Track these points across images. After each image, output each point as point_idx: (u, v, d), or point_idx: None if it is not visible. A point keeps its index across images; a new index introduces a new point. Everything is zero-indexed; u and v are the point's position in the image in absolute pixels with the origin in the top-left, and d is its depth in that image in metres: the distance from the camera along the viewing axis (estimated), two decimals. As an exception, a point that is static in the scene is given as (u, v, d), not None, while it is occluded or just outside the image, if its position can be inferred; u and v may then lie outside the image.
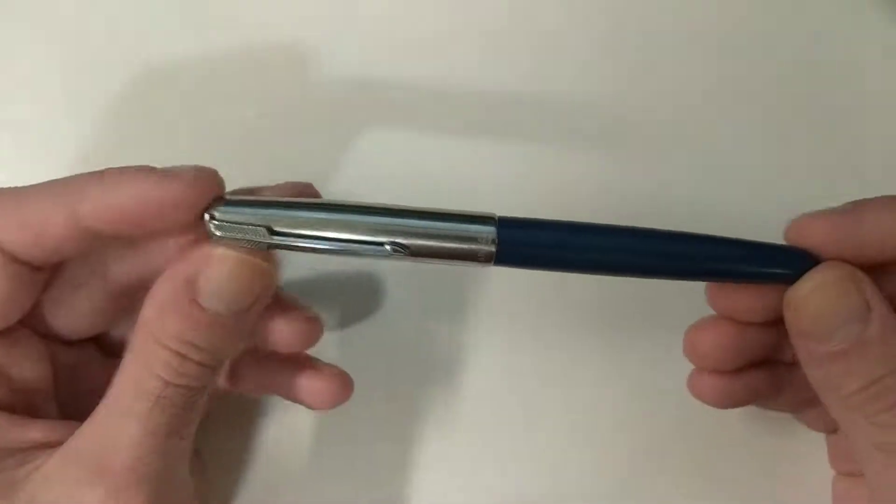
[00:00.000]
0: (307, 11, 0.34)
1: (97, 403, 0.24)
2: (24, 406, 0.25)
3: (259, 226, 0.23)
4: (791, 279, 0.24)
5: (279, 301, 0.26)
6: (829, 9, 0.35)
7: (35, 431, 0.24)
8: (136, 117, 0.34)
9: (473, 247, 0.23)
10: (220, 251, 0.23)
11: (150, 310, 0.23)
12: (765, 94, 0.34)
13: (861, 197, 0.26)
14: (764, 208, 0.31)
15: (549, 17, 0.35)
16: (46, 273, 0.26)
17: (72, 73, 0.34)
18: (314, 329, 0.27)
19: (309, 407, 0.28)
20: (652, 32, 0.35)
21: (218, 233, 0.23)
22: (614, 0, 0.35)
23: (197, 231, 0.24)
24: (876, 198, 0.24)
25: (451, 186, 0.33)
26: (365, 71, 0.34)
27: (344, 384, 0.28)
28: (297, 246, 0.23)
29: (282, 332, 0.26)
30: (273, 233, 0.23)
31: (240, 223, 0.23)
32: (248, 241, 0.23)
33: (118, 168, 0.23)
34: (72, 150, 0.33)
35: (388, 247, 0.23)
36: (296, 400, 0.28)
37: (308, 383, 0.28)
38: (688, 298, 0.27)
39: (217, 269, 0.23)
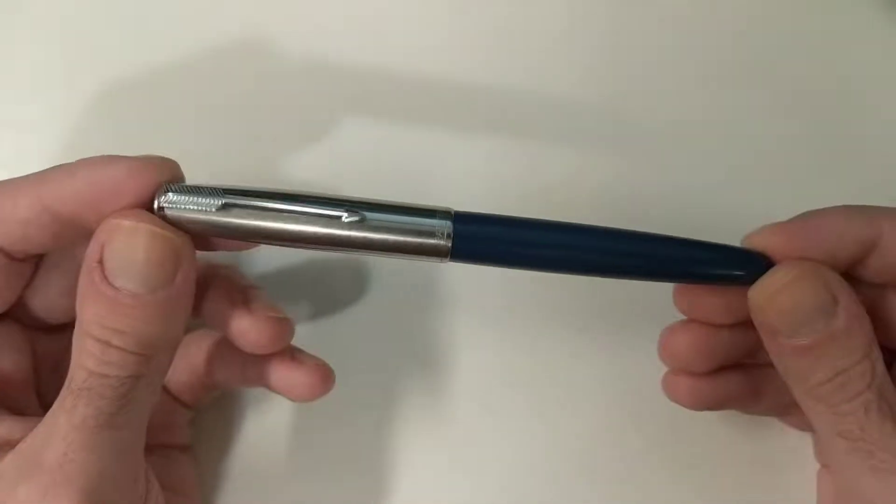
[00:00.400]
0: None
1: None
2: (2, 399, 0.26)
3: (209, 201, 0.23)
4: (748, 282, 0.24)
5: (246, 301, 0.26)
6: (830, 9, 0.34)
7: (2, 428, 0.24)
8: (136, 117, 0.34)
9: (429, 241, 0.23)
10: (123, 222, 0.22)
11: (77, 296, 0.23)
12: (765, 95, 0.34)
13: (861, 198, 0.26)
14: (764, 210, 0.30)
15: (547, 12, 0.35)
16: (29, 265, 0.26)
17: (73, 73, 0.34)
18: (282, 331, 0.26)
19: (289, 399, 0.28)
20: (651, 34, 0.34)
21: (167, 203, 0.23)
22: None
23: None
24: (828, 207, 0.25)
25: (440, 185, 0.33)
26: (355, 63, 0.34)
27: (325, 377, 0.27)
28: (246, 229, 0.23)
29: (248, 334, 0.26)
30: (225, 213, 0.23)
31: (190, 198, 0.23)
32: (196, 217, 0.23)
33: (81, 158, 0.24)
34: (71, 150, 0.33)
35: (345, 217, 0.22)
36: (276, 391, 0.28)
37: (288, 376, 0.27)
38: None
39: (119, 240, 0.22)
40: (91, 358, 0.22)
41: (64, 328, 0.28)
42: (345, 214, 0.23)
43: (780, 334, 0.23)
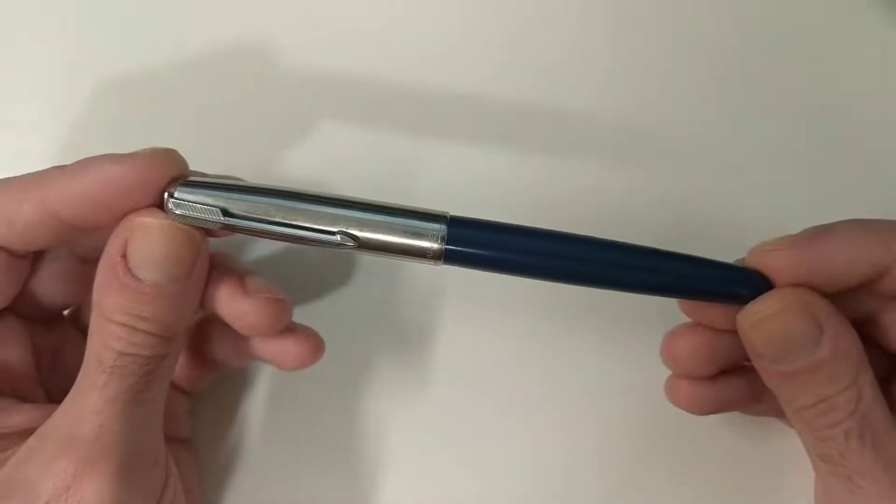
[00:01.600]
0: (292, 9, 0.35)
1: None
2: (10, 391, 0.26)
3: (214, 206, 0.23)
4: (747, 299, 0.24)
5: (243, 284, 0.27)
6: (830, 9, 0.34)
7: (18, 416, 0.25)
8: (136, 117, 0.34)
9: (423, 243, 0.23)
10: (145, 220, 0.23)
11: (95, 289, 0.24)
12: (767, 97, 0.33)
13: (862, 199, 0.25)
14: (772, 213, 0.31)
15: (553, 24, 0.34)
16: (29, 261, 0.26)
17: (73, 73, 0.34)
18: (281, 311, 0.27)
19: (280, 368, 0.28)
20: (656, 42, 0.34)
21: (177, 211, 0.23)
22: (616, 9, 0.34)
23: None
24: (839, 225, 0.24)
25: (445, 195, 0.33)
26: (360, 68, 0.34)
27: (315, 347, 0.28)
28: (251, 229, 0.23)
29: (247, 316, 0.26)
30: (227, 215, 0.23)
31: (197, 203, 0.23)
32: (203, 220, 0.23)
33: (83, 158, 0.24)
34: (71, 150, 0.34)
35: (337, 237, 0.23)
36: (267, 361, 0.28)
37: (279, 345, 0.28)
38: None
39: (142, 237, 0.23)
40: (119, 341, 0.23)
41: (61, 322, 0.29)
42: (339, 237, 0.23)
43: (765, 360, 0.24)
